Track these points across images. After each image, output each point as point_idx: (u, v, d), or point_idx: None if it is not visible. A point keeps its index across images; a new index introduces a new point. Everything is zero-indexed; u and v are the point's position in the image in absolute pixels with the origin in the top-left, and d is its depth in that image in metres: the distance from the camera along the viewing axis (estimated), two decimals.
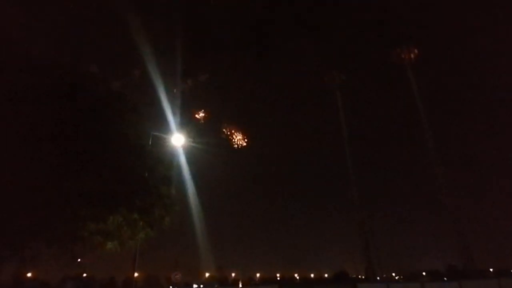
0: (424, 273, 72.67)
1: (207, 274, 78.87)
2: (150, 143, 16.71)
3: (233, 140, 56.03)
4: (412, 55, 63.03)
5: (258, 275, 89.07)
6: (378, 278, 59.78)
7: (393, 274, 76.67)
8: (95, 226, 12.67)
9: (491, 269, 64.44)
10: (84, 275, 67.60)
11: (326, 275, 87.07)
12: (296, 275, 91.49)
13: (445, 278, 57.92)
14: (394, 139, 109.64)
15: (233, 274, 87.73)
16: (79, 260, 13.91)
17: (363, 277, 69.27)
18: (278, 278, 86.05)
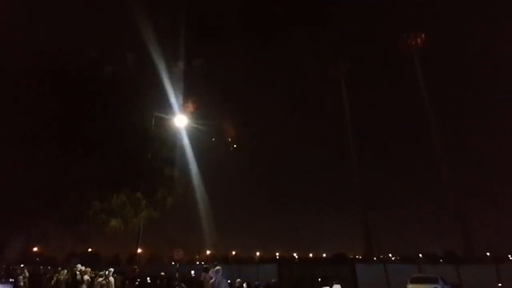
0: (420, 255, 73.92)
1: (208, 252, 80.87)
2: (153, 124, 16.91)
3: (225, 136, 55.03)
4: (419, 43, 61.71)
5: (258, 254, 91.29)
6: (374, 258, 61.02)
7: (390, 255, 78.21)
8: (100, 205, 13.10)
9: (487, 253, 65.44)
10: (90, 250, 69.45)
11: (324, 255, 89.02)
12: (295, 254, 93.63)
13: (441, 260, 58.96)
14: (397, 126, 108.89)
15: (233, 253, 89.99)
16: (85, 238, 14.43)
17: (360, 257, 70.76)
18: (277, 258, 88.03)
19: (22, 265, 34.34)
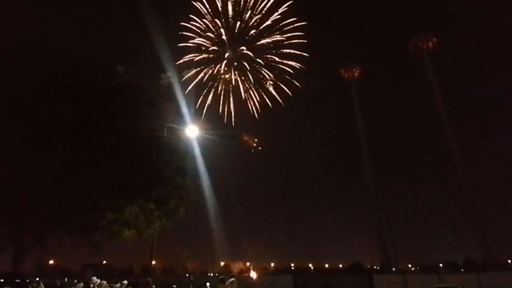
0: (441, 265, 71.79)
1: (222, 263, 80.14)
2: (165, 135, 16.94)
3: (247, 142, 56.36)
4: (430, 45, 61.07)
5: (272, 264, 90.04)
6: (393, 269, 59.42)
7: (409, 265, 76.10)
8: (113, 216, 13.08)
9: (509, 261, 63.18)
10: (104, 262, 69.78)
11: (340, 266, 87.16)
12: (310, 265, 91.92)
13: (462, 270, 57.08)
14: (410, 128, 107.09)
15: (247, 263, 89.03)
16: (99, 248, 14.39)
17: (378, 268, 69.07)
18: (293, 268, 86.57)
19: (37, 279, 34.47)
